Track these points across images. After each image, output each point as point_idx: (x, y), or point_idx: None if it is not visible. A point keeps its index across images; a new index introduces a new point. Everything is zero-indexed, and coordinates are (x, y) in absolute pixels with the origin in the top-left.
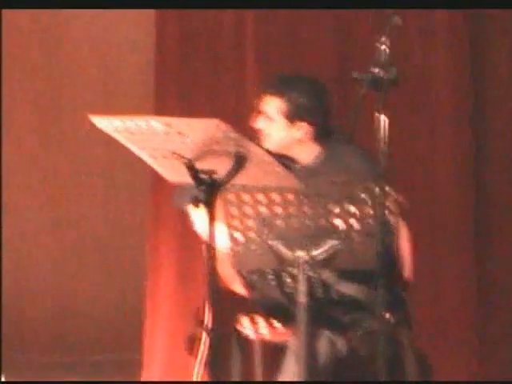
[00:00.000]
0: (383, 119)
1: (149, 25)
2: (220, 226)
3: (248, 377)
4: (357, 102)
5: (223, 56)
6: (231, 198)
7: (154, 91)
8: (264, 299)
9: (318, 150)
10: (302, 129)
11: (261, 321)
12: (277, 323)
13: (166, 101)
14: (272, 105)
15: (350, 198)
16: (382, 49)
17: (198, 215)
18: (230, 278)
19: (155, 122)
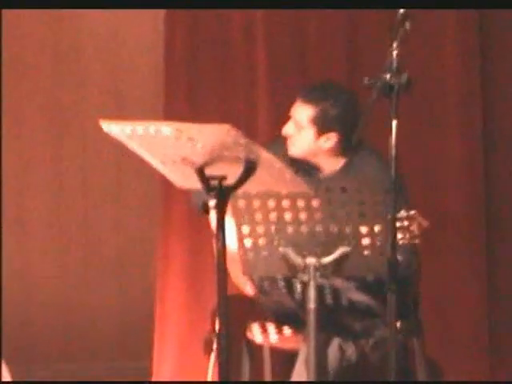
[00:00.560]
0: (395, 125)
1: (158, 28)
2: (230, 232)
3: None
4: (367, 108)
5: (233, 59)
6: (241, 204)
7: (164, 94)
8: (274, 306)
9: (344, 161)
10: (331, 139)
11: (271, 327)
12: (287, 330)
13: (176, 104)
14: (303, 112)
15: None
16: (393, 54)
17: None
18: (241, 281)
19: (165, 128)
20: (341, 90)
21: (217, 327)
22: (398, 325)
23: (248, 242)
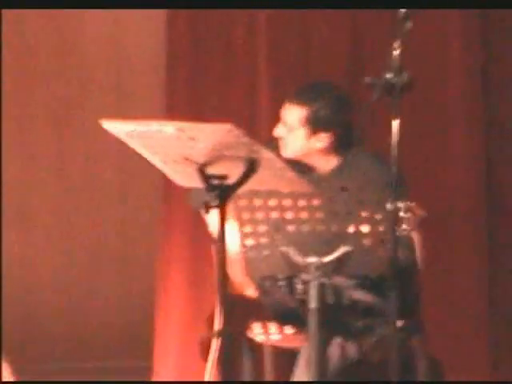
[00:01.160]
0: (396, 124)
1: (160, 28)
2: (232, 232)
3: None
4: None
5: (235, 59)
6: (243, 203)
7: (165, 93)
8: (276, 305)
9: (338, 160)
10: (323, 139)
11: (272, 327)
12: (288, 329)
13: (177, 103)
14: (293, 114)
15: (361, 203)
16: (395, 53)
17: (212, 218)
18: (241, 282)
19: (167, 127)
20: (330, 88)
21: (216, 327)
22: (400, 323)
23: (249, 240)
